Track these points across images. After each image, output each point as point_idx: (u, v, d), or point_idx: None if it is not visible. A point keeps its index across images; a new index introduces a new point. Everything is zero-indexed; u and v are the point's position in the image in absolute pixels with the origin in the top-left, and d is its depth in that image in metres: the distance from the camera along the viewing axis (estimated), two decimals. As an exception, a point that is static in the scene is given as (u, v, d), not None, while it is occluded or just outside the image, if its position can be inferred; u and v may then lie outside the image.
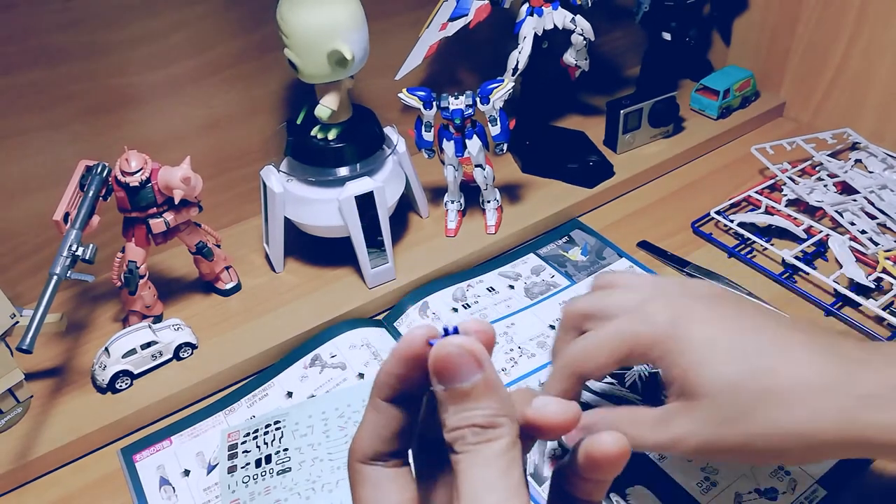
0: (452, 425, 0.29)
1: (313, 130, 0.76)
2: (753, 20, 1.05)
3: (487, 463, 0.28)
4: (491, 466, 0.28)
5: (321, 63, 0.69)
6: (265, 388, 0.68)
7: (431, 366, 0.29)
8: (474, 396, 0.29)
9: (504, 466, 0.28)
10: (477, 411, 0.29)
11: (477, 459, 0.28)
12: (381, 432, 0.33)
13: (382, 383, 0.32)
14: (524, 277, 0.79)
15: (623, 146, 0.95)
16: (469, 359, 0.29)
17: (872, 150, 0.90)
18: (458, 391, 0.29)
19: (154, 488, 0.60)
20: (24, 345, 0.56)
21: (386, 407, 0.33)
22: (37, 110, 0.70)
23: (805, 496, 0.55)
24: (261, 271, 0.81)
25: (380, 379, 0.32)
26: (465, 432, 0.29)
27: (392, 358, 0.32)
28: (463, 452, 0.29)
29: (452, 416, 0.29)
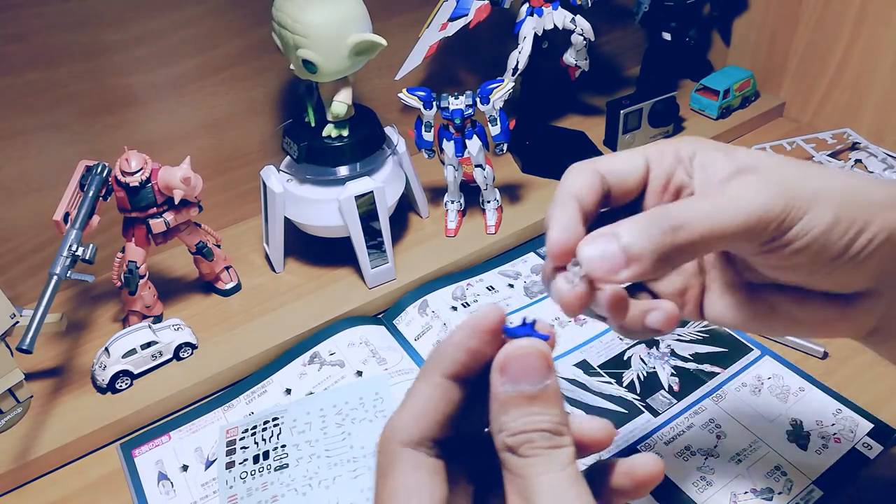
0: (517, 428, 0.27)
1: (326, 130, 0.76)
2: (753, 20, 1.05)
3: (562, 469, 0.27)
4: (565, 472, 0.27)
5: (343, 57, 0.70)
6: (264, 384, 0.69)
7: (504, 363, 0.28)
8: (543, 401, 0.28)
9: (575, 475, 0.27)
10: (545, 416, 0.28)
11: (551, 465, 0.27)
12: (434, 414, 0.29)
13: (448, 356, 0.29)
14: (524, 276, 0.80)
15: (623, 146, 0.95)
16: (544, 363, 0.28)
17: (872, 150, 0.90)
18: (527, 394, 0.28)
19: (153, 483, 0.61)
20: (24, 345, 0.56)
21: (446, 385, 0.29)
22: (37, 110, 0.71)
23: (801, 496, 0.55)
24: (261, 271, 0.81)
25: (444, 351, 0.30)
26: (534, 436, 0.27)
27: (464, 330, 0.29)
28: (532, 456, 0.27)
29: (517, 419, 0.27)
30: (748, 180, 0.32)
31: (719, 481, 0.56)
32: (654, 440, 0.60)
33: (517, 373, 0.28)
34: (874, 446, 0.58)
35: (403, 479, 0.29)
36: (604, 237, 0.30)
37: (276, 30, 0.71)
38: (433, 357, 0.30)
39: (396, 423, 0.30)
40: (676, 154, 0.36)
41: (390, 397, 0.65)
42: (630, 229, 0.30)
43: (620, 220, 0.31)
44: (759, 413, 0.62)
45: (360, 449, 0.61)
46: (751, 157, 0.34)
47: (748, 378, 0.65)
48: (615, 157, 0.36)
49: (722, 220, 0.31)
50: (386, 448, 0.29)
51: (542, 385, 0.28)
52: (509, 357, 0.28)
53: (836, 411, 0.61)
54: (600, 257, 0.30)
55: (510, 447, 0.27)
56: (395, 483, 0.29)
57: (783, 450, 0.58)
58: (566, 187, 0.34)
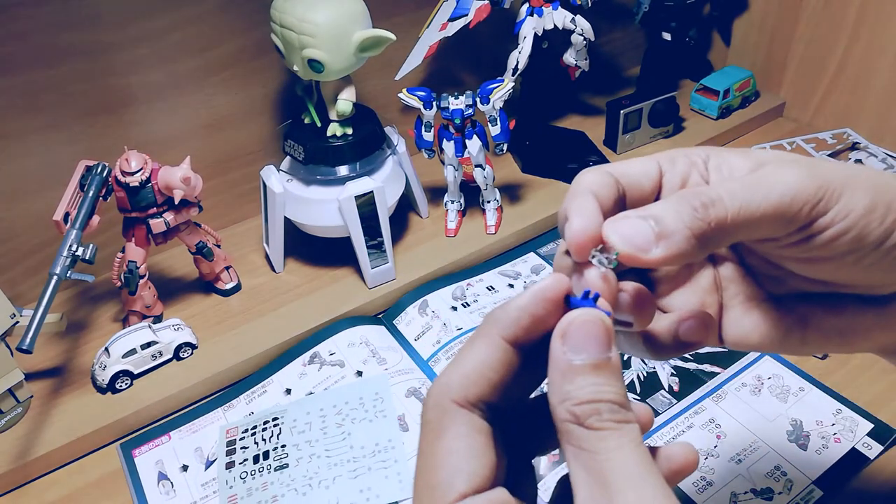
0: (584, 397, 0.26)
1: (331, 129, 0.76)
2: (753, 20, 1.05)
3: (636, 446, 0.25)
4: (640, 450, 0.25)
5: (349, 55, 0.70)
6: (264, 384, 0.69)
7: (566, 328, 0.27)
8: (608, 373, 0.26)
9: (648, 455, 0.26)
10: (611, 388, 0.26)
11: (624, 441, 0.25)
12: (492, 375, 0.28)
13: (511, 319, 0.28)
14: (524, 276, 0.80)
15: (623, 146, 0.96)
16: (607, 334, 0.27)
17: (872, 150, 0.90)
18: (592, 363, 0.26)
19: (153, 483, 0.61)
20: (24, 345, 0.56)
21: (505, 348, 0.28)
22: (37, 110, 0.71)
23: (801, 497, 0.55)
24: (261, 271, 0.81)
25: (508, 314, 0.28)
26: (601, 407, 0.26)
27: (529, 295, 0.28)
28: (603, 430, 0.25)
29: (583, 388, 0.26)
30: (774, 165, 0.31)
31: (719, 481, 0.56)
32: (653, 440, 0.60)
33: (579, 340, 0.27)
34: (874, 446, 0.58)
35: (458, 440, 0.27)
36: (631, 217, 0.29)
37: (277, 31, 0.70)
38: (494, 318, 0.29)
39: (452, 378, 0.28)
40: (688, 158, 0.34)
41: (390, 397, 0.65)
42: (660, 206, 0.29)
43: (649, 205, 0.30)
44: (759, 413, 0.62)
45: (360, 449, 0.61)
46: (768, 154, 0.33)
47: (748, 378, 0.65)
48: (627, 162, 0.34)
49: (755, 197, 0.29)
50: (439, 403, 0.28)
51: (606, 356, 0.27)
52: (573, 323, 0.27)
53: (836, 411, 0.61)
54: (629, 233, 0.28)
55: (577, 417, 0.26)
56: (449, 444, 0.27)
57: (783, 450, 0.58)
58: (581, 183, 0.32)
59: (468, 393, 0.28)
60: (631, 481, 0.25)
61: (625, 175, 0.33)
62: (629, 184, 0.33)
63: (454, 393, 0.28)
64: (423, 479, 0.27)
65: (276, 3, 0.70)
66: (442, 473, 0.27)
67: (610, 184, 0.32)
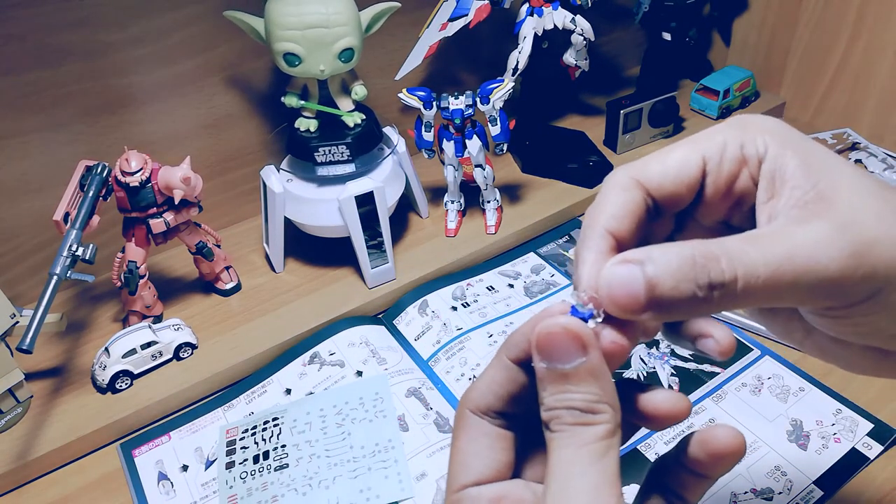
0: (549, 405, 0.28)
1: (352, 119, 0.76)
2: (753, 20, 1.05)
3: (583, 444, 0.27)
4: (585, 449, 0.27)
5: (363, 34, 0.72)
6: (264, 384, 0.69)
7: (534, 341, 0.28)
8: (575, 380, 0.27)
9: (600, 451, 0.27)
10: (576, 395, 0.27)
11: (572, 440, 0.27)
12: (498, 390, 0.32)
13: (513, 343, 0.31)
14: (524, 276, 0.80)
15: (623, 146, 0.96)
16: (573, 343, 0.27)
17: (872, 150, 0.90)
18: (558, 372, 0.28)
19: (153, 483, 0.61)
20: (24, 345, 0.56)
21: (509, 367, 0.31)
22: (37, 110, 0.71)
23: (801, 497, 0.55)
24: (261, 271, 0.81)
25: (513, 338, 0.31)
26: (562, 413, 0.28)
27: (531, 321, 0.30)
28: (558, 431, 0.28)
29: (550, 396, 0.28)
30: (821, 229, 0.27)
31: (719, 481, 0.56)
32: (654, 440, 0.60)
33: (547, 351, 0.28)
34: (874, 446, 0.58)
35: (468, 441, 0.32)
36: (630, 265, 0.27)
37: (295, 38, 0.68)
38: (505, 341, 0.32)
39: (470, 391, 0.32)
40: (742, 151, 0.30)
41: (390, 397, 0.65)
42: (663, 265, 0.27)
43: (654, 248, 0.27)
44: (759, 413, 0.62)
45: (360, 449, 0.61)
46: (834, 176, 0.29)
47: (748, 378, 0.65)
48: (666, 160, 0.31)
49: (780, 278, 0.26)
50: (459, 412, 0.32)
51: (575, 364, 0.27)
52: (537, 335, 0.28)
53: (836, 411, 0.61)
54: (620, 294, 0.27)
55: (544, 421, 0.28)
56: (461, 444, 0.32)
57: (783, 450, 0.58)
58: (600, 215, 0.30)
59: (478, 402, 0.32)
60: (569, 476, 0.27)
61: (658, 184, 0.31)
62: (661, 193, 0.31)
63: (469, 402, 0.32)
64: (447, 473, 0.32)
65: (283, 12, 0.68)
66: (453, 468, 0.32)
67: (634, 208, 0.30)
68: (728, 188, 0.31)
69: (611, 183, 0.31)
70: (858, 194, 0.28)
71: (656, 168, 0.31)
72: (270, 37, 0.70)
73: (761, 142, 0.30)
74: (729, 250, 0.27)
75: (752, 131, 0.31)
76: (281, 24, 0.68)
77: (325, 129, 0.76)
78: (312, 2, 0.68)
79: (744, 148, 0.30)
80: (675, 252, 0.27)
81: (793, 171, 0.29)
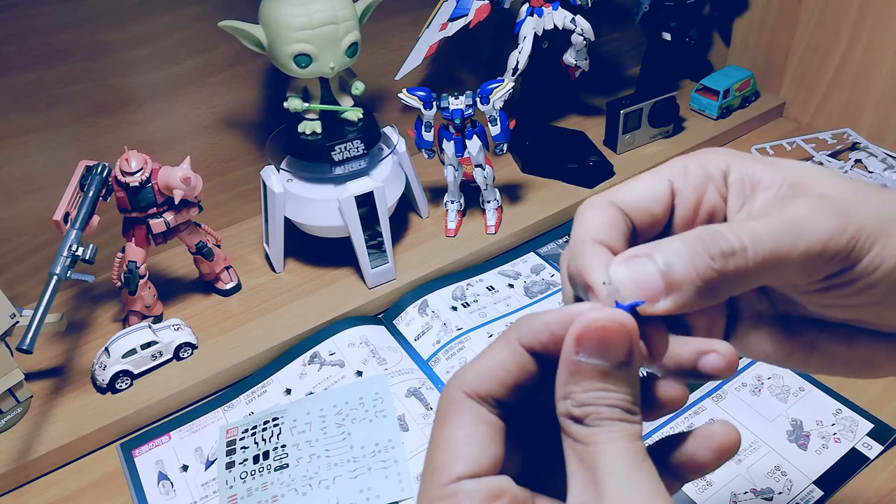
0: (585, 400, 0.26)
1: (354, 115, 0.77)
2: (753, 20, 1.05)
3: (630, 440, 0.25)
4: (633, 445, 0.25)
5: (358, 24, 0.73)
6: (264, 384, 0.69)
7: (582, 333, 0.26)
8: (617, 380, 0.26)
9: (643, 451, 0.26)
10: (616, 395, 0.26)
11: (619, 435, 0.25)
12: (504, 376, 0.28)
13: (532, 330, 0.28)
14: (524, 276, 0.80)
15: (623, 146, 0.96)
16: (626, 342, 0.26)
17: (872, 150, 0.90)
18: (598, 368, 0.26)
19: (153, 483, 0.61)
20: (24, 345, 0.56)
21: (521, 353, 0.28)
22: (37, 110, 0.71)
23: (801, 497, 0.55)
24: (261, 271, 0.81)
25: (530, 325, 0.28)
26: (602, 409, 0.26)
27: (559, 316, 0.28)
28: (598, 427, 0.26)
29: (586, 392, 0.26)
30: (805, 203, 0.28)
31: (719, 481, 0.56)
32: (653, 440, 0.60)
33: (595, 345, 0.26)
34: (874, 446, 0.58)
35: (462, 427, 0.28)
36: (639, 258, 0.27)
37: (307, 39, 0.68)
38: (518, 324, 0.29)
39: (466, 372, 0.29)
40: (704, 170, 0.31)
41: (390, 397, 0.65)
42: (672, 250, 0.27)
43: (658, 241, 0.27)
44: (759, 413, 0.62)
45: (360, 449, 0.61)
46: (800, 170, 0.30)
47: (748, 378, 0.65)
48: (634, 186, 0.31)
49: (782, 246, 0.27)
50: (450, 393, 0.29)
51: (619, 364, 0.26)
52: (589, 327, 0.26)
53: (836, 411, 0.61)
54: (634, 281, 0.27)
55: (575, 417, 0.26)
56: (453, 430, 0.28)
57: (783, 450, 0.58)
58: (586, 232, 0.30)
59: (477, 386, 0.28)
60: (620, 473, 0.25)
61: (631, 204, 0.31)
62: (636, 213, 0.31)
63: (465, 385, 0.29)
64: (428, 461, 0.28)
65: (290, 13, 0.68)
66: (443, 456, 0.28)
67: (616, 223, 0.30)
68: (697, 205, 0.31)
69: (587, 205, 0.31)
70: (826, 180, 0.29)
71: (627, 191, 0.31)
72: (277, 40, 0.69)
73: (721, 160, 0.31)
74: (730, 226, 0.27)
75: (708, 156, 0.32)
76: (290, 26, 0.68)
77: (330, 130, 0.77)
78: (311, 1, 0.68)
79: (705, 167, 0.31)
80: (678, 238, 0.27)
81: (760, 174, 0.30)
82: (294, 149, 0.78)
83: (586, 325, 0.26)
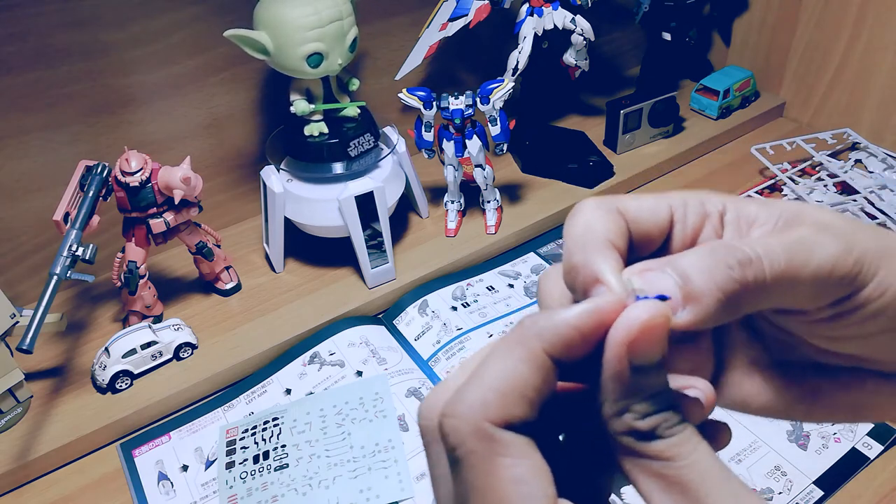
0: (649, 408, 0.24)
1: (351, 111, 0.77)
2: (753, 20, 1.05)
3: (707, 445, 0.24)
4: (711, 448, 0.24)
5: None
6: (264, 384, 0.69)
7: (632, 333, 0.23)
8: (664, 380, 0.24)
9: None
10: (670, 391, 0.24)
11: (700, 440, 0.24)
12: (529, 393, 0.23)
13: (560, 335, 0.24)
14: (524, 276, 0.80)
15: (623, 146, 0.95)
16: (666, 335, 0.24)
17: (872, 150, 0.90)
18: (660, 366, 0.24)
19: (153, 483, 0.61)
20: (24, 345, 0.56)
21: (548, 364, 0.24)
22: (37, 110, 0.71)
23: (801, 497, 0.55)
24: (261, 271, 0.81)
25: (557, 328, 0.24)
26: (670, 415, 0.24)
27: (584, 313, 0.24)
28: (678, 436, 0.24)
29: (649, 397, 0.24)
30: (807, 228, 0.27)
31: (719, 481, 0.56)
32: (654, 440, 0.60)
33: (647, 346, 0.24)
34: (874, 446, 0.58)
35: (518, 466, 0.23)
36: (652, 271, 0.25)
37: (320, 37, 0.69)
38: (536, 328, 0.24)
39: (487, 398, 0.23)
40: (702, 207, 0.30)
41: (390, 397, 0.65)
42: (688, 262, 0.25)
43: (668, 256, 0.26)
44: (759, 413, 0.62)
45: (360, 449, 0.61)
46: (794, 206, 0.29)
47: (748, 378, 0.65)
48: (639, 201, 0.29)
49: (796, 260, 0.25)
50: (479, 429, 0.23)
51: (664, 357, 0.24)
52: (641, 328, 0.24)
53: (836, 411, 0.61)
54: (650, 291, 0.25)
55: (643, 431, 0.24)
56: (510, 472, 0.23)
57: (783, 450, 0.58)
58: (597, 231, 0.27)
59: (507, 414, 0.23)
60: (718, 483, 0.23)
61: (634, 219, 0.29)
62: (637, 229, 0.29)
63: (493, 414, 0.23)
64: None
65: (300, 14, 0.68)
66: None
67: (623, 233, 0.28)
68: (694, 239, 0.30)
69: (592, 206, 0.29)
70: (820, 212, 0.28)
71: (633, 203, 0.29)
72: (288, 43, 0.69)
73: (718, 200, 0.30)
74: (743, 240, 0.26)
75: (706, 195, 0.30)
76: (301, 26, 0.68)
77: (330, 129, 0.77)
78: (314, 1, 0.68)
79: (704, 205, 0.30)
80: (690, 252, 0.26)
81: (756, 212, 0.29)
82: (297, 150, 0.77)
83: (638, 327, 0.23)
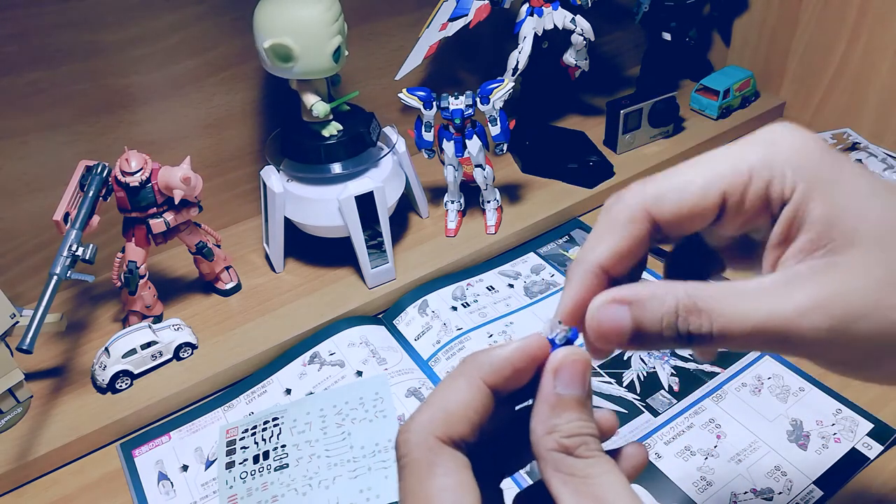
0: (572, 431, 0.28)
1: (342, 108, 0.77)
2: (753, 20, 1.05)
3: (616, 469, 0.28)
4: (621, 472, 0.28)
5: None
6: (264, 384, 0.69)
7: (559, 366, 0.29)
8: (587, 408, 0.29)
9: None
10: (591, 422, 0.29)
11: (610, 465, 0.28)
12: (473, 417, 0.29)
13: (495, 367, 0.30)
14: (524, 276, 0.80)
15: (623, 146, 0.95)
16: (588, 373, 0.30)
17: (872, 150, 0.90)
18: (578, 399, 0.29)
19: (153, 483, 0.61)
20: (24, 345, 0.56)
21: (486, 392, 0.30)
22: (37, 110, 0.71)
23: (801, 497, 0.55)
24: (261, 271, 0.81)
25: (492, 362, 0.30)
26: (588, 439, 0.28)
27: (515, 350, 0.30)
28: (592, 458, 0.28)
29: (571, 422, 0.29)
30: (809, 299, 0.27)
31: (719, 481, 0.56)
32: (654, 440, 0.60)
33: (570, 377, 0.29)
34: (874, 446, 0.58)
35: (448, 476, 0.28)
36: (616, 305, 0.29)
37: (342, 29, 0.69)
38: (477, 363, 0.30)
39: (436, 417, 0.29)
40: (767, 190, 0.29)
41: (390, 397, 0.65)
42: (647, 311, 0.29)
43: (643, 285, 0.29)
44: (759, 413, 0.62)
45: (360, 449, 0.61)
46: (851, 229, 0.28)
47: (748, 378, 0.65)
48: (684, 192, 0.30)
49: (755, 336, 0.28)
50: (425, 442, 0.28)
51: (587, 393, 0.29)
52: (564, 361, 0.29)
53: (836, 411, 0.61)
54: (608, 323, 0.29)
55: (567, 448, 0.28)
56: (441, 481, 0.28)
57: (783, 450, 0.58)
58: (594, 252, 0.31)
59: (451, 431, 0.29)
60: (624, 498, 0.27)
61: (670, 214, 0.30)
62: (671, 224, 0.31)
63: (438, 431, 0.28)
64: None
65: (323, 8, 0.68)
66: None
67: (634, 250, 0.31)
68: (743, 226, 0.31)
69: (618, 210, 0.31)
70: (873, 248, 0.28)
71: (673, 198, 0.30)
72: (315, 42, 0.68)
73: (790, 181, 0.29)
74: (711, 307, 0.28)
75: (782, 163, 0.29)
76: (325, 21, 0.68)
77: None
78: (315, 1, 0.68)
79: (770, 187, 0.29)
80: (659, 300, 0.29)
81: (812, 221, 0.29)
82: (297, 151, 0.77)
83: (561, 360, 0.29)
